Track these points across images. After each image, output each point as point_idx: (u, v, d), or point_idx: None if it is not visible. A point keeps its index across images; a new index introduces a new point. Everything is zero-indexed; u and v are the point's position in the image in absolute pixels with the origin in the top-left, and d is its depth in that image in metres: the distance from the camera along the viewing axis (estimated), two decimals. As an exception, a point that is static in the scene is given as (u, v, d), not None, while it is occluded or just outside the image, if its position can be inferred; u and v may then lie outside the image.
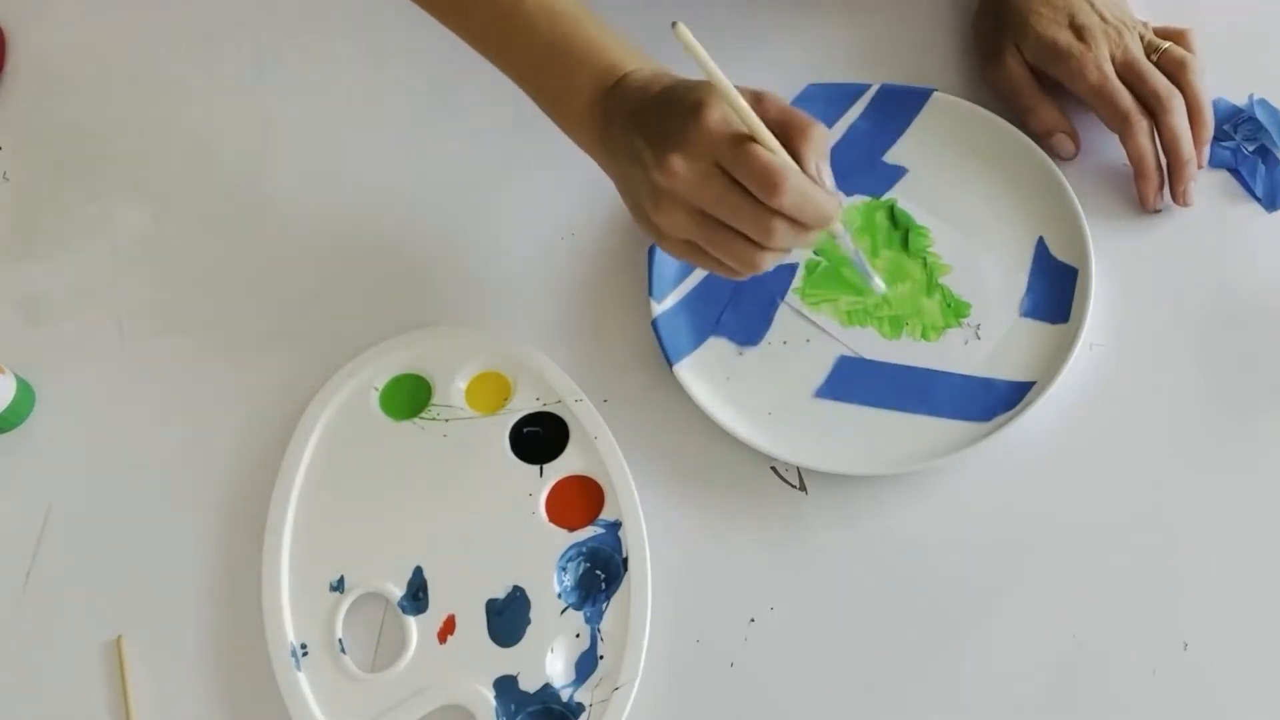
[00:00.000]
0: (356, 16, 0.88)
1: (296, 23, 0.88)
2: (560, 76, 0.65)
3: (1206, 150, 0.74)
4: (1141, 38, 0.75)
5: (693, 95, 0.59)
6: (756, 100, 0.59)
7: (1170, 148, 0.73)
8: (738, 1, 0.83)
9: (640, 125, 0.60)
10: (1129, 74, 0.73)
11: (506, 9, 0.66)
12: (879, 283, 0.69)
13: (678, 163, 0.58)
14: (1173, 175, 0.73)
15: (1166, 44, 0.74)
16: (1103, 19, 0.74)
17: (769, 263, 0.61)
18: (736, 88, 0.58)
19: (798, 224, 0.59)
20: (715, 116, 0.58)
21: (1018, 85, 0.76)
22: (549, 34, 0.65)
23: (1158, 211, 0.74)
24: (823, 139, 0.60)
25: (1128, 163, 0.73)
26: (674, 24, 0.55)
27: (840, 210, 0.61)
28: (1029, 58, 0.76)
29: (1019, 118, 0.76)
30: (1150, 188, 0.73)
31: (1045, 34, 0.74)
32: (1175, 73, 0.73)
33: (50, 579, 0.73)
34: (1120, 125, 0.73)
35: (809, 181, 0.58)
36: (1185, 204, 0.73)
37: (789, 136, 0.59)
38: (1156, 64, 0.74)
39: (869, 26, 0.82)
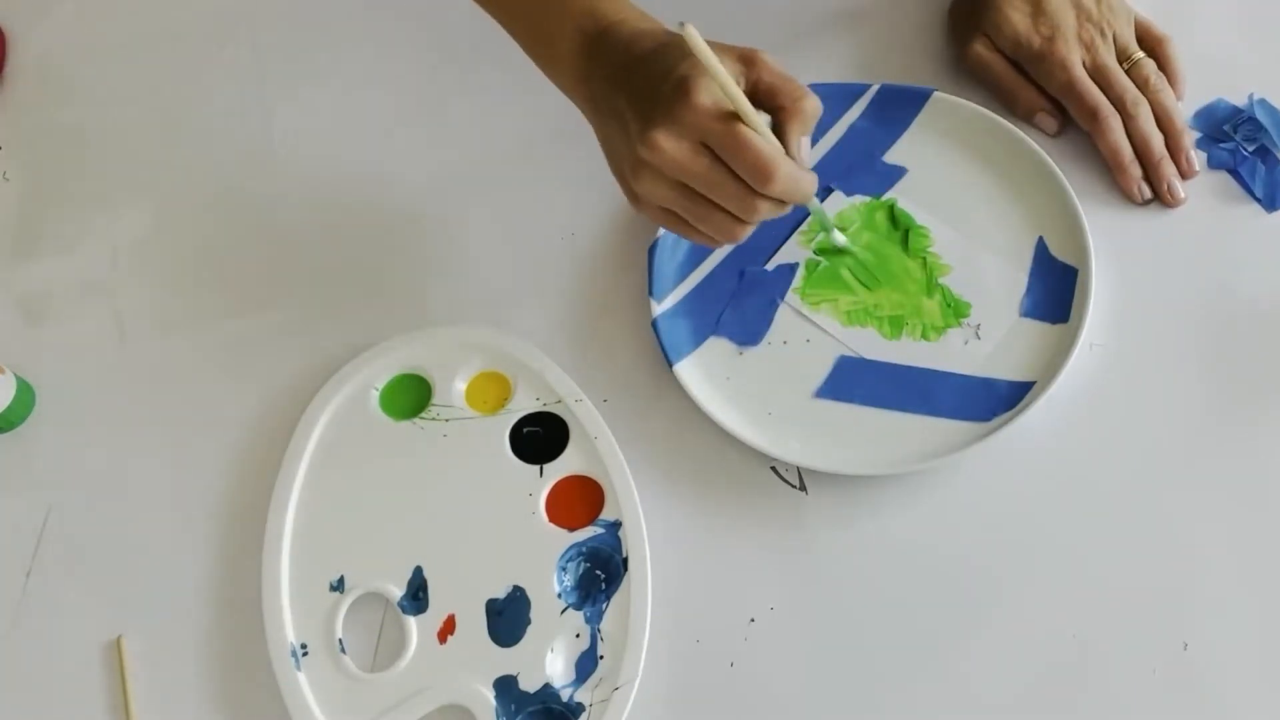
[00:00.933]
0: (356, 18, 0.88)
1: (297, 24, 0.89)
2: (544, 20, 0.64)
3: (1191, 155, 0.74)
4: (1117, 40, 0.76)
5: (680, 68, 0.58)
6: (748, 62, 0.59)
7: (1141, 149, 0.74)
8: (737, 2, 0.83)
9: (624, 87, 0.60)
10: (1098, 78, 0.75)
11: None
12: (839, 236, 0.72)
13: (663, 139, 0.57)
14: (1150, 176, 0.74)
15: (1139, 55, 0.76)
16: (1079, 19, 0.75)
17: (747, 233, 0.61)
18: (728, 47, 0.58)
19: (780, 202, 0.59)
20: (704, 95, 0.57)
21: (993, 71, 0.77)
22: None
23: (1148, 202, 0.74)
24: (812, 113, 0.59)
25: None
26: (682, 24, 0.54)
27: (816, 184, 0.61)
28: (1004, 50, 0.77)
29: (999, 102, 0.77)
30: (1129, 179, 0.74)
31: (1018, 31, 0.76)
32: (1141, 86, 0.75)
33: (50, 579, 0.73)
34: (1090, 122, 0.74)
35: (795, 166, 0.58)
36: (1173, 202, 0.74)
37: (779, 107, 0.59)
38: (1127, 73, 0.75)
39: (869, 27, 0.82)
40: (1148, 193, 0.74)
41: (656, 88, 0.58)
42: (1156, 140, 0.74)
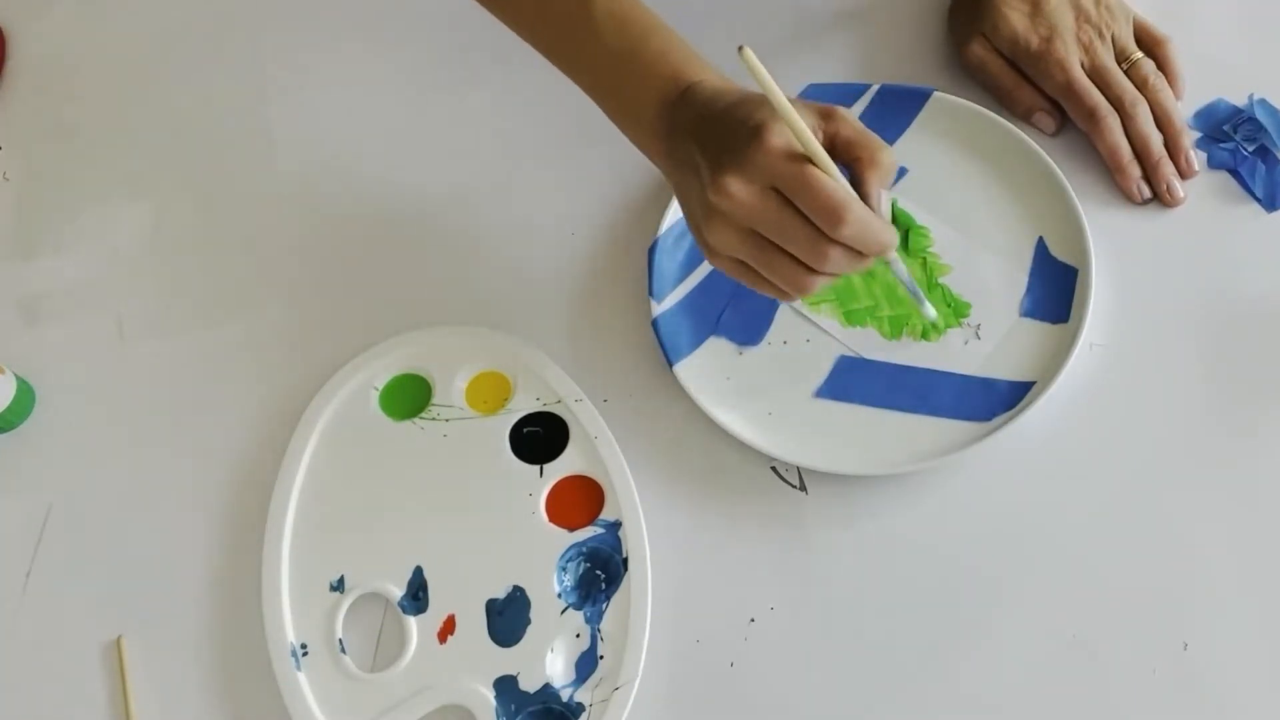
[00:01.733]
0: (356, 19, 0.88)
1: (297, 23, 0.89)
2: (628, 86, 0.64)
3: (1190, 155, 0.74)
4: (1115, 41, 0.76)
5: (756, 115, 0.58)
6: (826, 118, 0.59)
7: (1140, 150, 0.74)
8: (738, 2, 0.83)
9: (700, 139, 0.60)
10: (1096, 79, 0.75)
11: (576, 18, 0.65)
12: (930, 309, 0.70)
13: (733, 183, 0.57)
14: (1149, 176, 0.74)
15: (1138, 55, 0.76)
16: (1078, 20, 0.75)
17: (820, 286, 0.60)
18: (807, 103, 0.58)
19: (854, 252, 0.59)
20: (776, 139, 0.57)
21: (991, 71, 0.77)
22: (618, 43, 0.64)
23: (1147, 201, 0.74)
24: (890, 167, 0.59)
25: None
26: (740, 48, 0.54)
27: (896, 239, 0.60)
28: (1003, 51, 0.77)
29: (998, 101, 0.77)
30: (1128, 179, 0.74)
31: (1016, 31, 0.76)
32: (1140, 87, 0.75)
33: (50, 579, 0.73)
34: (1088, 122, 0.74)
35: (870, 213, 0.58)
36: (1172, 202, 0.74)
37: (855, 159, 0.59)
38: (1125, 73, 0.75)
39: (869, 27, 0.82)
40: (1147, 192, 0.74)
41: (731, 135, 0.58)
42: (1155, 140, 0.74)
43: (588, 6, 0.65)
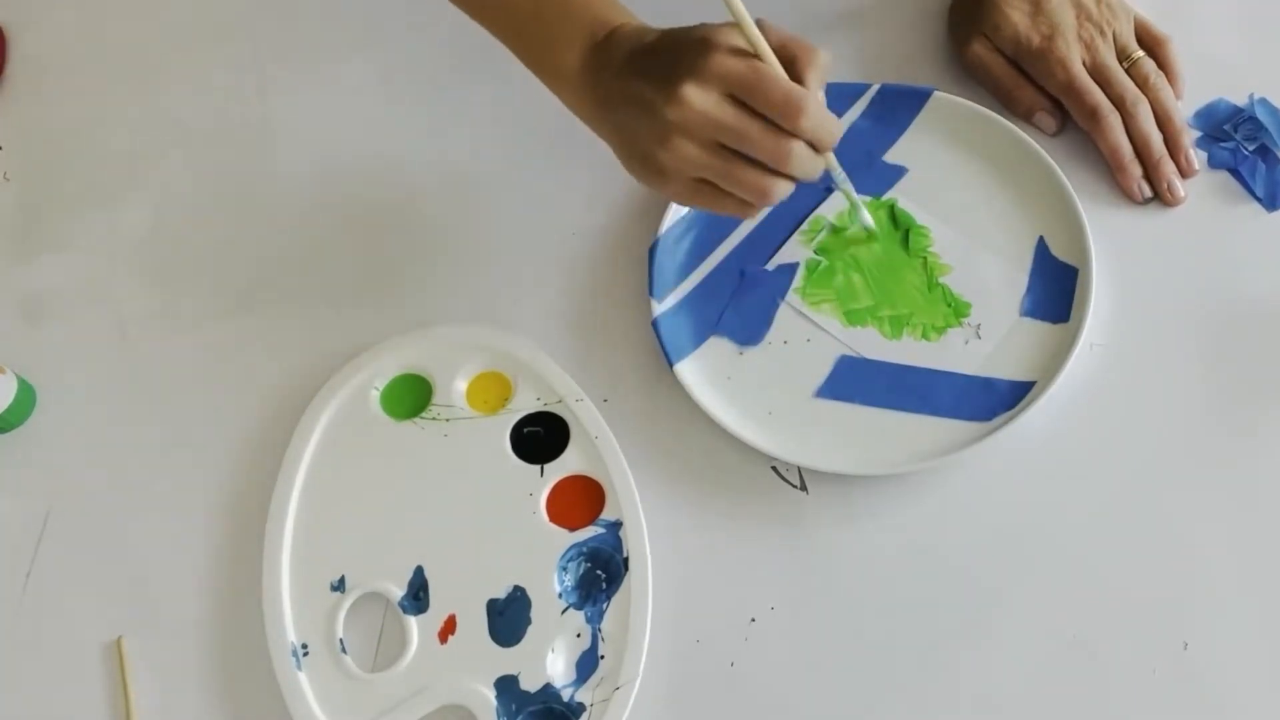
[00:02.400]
0: (356, 19, 0.88)
1: (297, 23, 0.89)
2: (547, 33, 0.64)
3: (1191, 154, 0.74)
4: (1116, 39, 0.76)
5: (697, 30, 0.59)
6: (758, 26, 0.59)
7: (1141, 149, 0.74)
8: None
9: (641, 68, 0.60)
10: (1098, 77, 0.75)
11: None
12: (867, 216, 0.72)
13: (691, 92, 0.57)
14: (1149, 175, 0.74)
15: (1139, 54, 0.76)
16: (1079, 19, 0.75)
17: (782, 191, 0.60)
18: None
19: (811, 149, 0.59)
20: (726, 45, 0.58)
21: (992, 71, 0.77)
22: None
23: (1148, 201, 0.74)
24: (825, 64, 0.60)
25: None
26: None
27: (840, 132, 0.61)
28: (1005, 50, 0.77)
29: (999, 101, 0.77)
30: (1129, 179, 0.74)
31: (1017, 30, 0.76)
32: (1141, 85, 0.75)
33: (51, 579, 0.73)
34: (1089, 121, 0.74)
35: (823, 105, 0.59)
36: (1173, 201, 0.74)
37: (792, 60, 0.59)
38: (1126, 71, 0.75)
39: (869, 27, 0.82)
40: (1148, 191, 0.74)
41: (677, 52, 0.59)
42: (1156, 139, 0.74)
43: None
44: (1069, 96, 0.75)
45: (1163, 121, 0.74)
